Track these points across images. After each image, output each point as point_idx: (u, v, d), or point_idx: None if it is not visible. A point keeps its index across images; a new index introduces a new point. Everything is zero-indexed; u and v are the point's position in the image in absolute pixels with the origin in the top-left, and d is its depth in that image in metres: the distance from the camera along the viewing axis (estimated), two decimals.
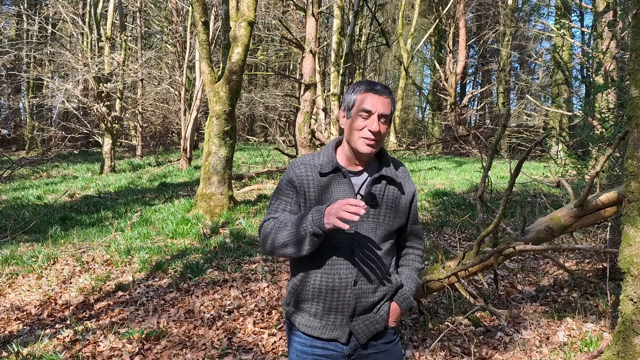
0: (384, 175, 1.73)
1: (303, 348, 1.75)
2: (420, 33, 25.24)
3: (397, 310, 1.79)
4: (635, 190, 2.35)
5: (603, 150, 5.75)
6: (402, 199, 1.78)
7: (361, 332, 1.72)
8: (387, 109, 1.68)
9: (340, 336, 1.71)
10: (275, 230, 1.69)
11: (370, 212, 1.70)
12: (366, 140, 1.66)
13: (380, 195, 1.72)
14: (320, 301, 1.71)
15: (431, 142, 22.83)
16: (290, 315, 1.80)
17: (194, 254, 5.65)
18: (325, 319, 1.72)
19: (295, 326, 1.78)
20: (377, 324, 1.75)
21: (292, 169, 1.76)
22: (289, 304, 1.80)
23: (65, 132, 18.70)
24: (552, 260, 4.01)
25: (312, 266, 1.72)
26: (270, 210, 1.79)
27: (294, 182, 1.74)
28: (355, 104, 1.70)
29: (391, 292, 1.79)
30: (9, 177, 12.14)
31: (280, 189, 1.79)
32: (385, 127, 1.69)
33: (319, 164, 1.74)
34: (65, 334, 3.72)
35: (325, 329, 1.72)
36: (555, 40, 14.43)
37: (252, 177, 11.57)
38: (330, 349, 1.73)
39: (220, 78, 7.69)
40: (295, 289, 1.76)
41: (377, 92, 1.67)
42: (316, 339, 1.74)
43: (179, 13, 18.15)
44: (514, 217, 6.81)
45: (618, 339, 2.42)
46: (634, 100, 2.39)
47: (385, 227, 1.73)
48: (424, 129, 29.95)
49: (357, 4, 13.12)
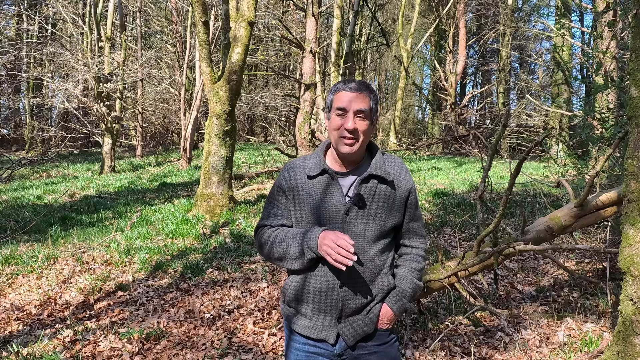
0: (374, 174, 1.70)
1: (297, 345, 1.79)
2: (420, 33, 25.23)
3: (389, 313, 1.75)
4: (635, 190, 2.35)
5: (603, 150, 5.75)
6: (396, 197, 1.73)
7: (348, 334, 1.71)
8: (363, 104, 1.64)
9: (328, 337, 1.72)
10: (271, 244, 1.76)
11: (358, 214, 1.68)
12: (344, 140, 1.64)
13: (370, 195, 1.69)
14: (309, 302, 1.73)
15: (431, 142, 22.84)
16: (285, 313, 1.84)
17: (194, 254, 5.65)
18: (315, 319, 1.74)
19: (289, 324, 1.83)
20: (366, 326, 1.73)
21: (282, 174, 1.80)
22: (284, 302, 1.85)
23: (65, 132, 18.71)
24: (552, 260, 4.01)
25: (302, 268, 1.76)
26: (263, 216, 1.85)
27: (283, 187, 1.78)
28: (332, 104, 1.69)
29: (382, 294, 1.75)
30: (9, 177, 12.15)
31: (272, 195, 1.83)
32: (364, 123, 1.65)
33: (308, 166, 1.75)
34: (65, 334, 3.72)
35: (314, 329, 1.74)
36: (555, 40, 14.44)
37: (252, 177, 11.57)
38: (321, 348, 1.76)
39: (220, 78, 7.69)
40: (288, 289, 1.79)
41: (351, 89, 1.65)
42: (307, 338, 1.77)
43: (179, 13, 18.16)
44: (514, 217, 6.81)
45: (618, 339, 2.42)
46: (634, 100, 2.39)
47: (375, 227, 1.70)
48: (424, 129, 29.96)
49: (357, 4, 13.12)
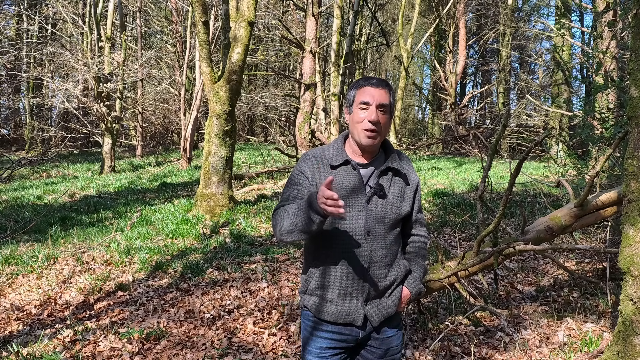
0: (391, 167, 1.83)
1: (320, 332, 1.83)
2: (420, 33, 25.23)
3: (408, 295, 1.89)
4: (635, 190, 2.35)
5: (603, 150, 5.75)
6: (408, 189, 1.88)
7: (374, 316, 1.81)
8: (384, 99, 1.76)
9: (355, 319, 1.79)
10: (281, 219, 1.76)
11: (379, 202, 1.79)
12: (367, 132, 1.75)
13: (387, 185, 1.82)
14: (336, 287, 1.79)
15: (431, 142, 22.84)
16: (306, 302, 1.86)
17: (194, 254, 5.65)
18: (341, 304, 1.79)
19: (311, 313, 1.85)
20: (389, 308, 1.84)
21: (304, 161, 1.85)
22: (304, 292, 1.87)
23: (65, 132, 18.71)
24: (552, 260, 4.01)
25: (326, 254, 1.80)
26: (282, 199, 1.86)
27: (306, 173, 1.83)
28: (355, 99, 1.80)
29: (401, 277, 1.88)
30: (9, 177, 12.14)
31: (293, 179, 1.86)
32: (385, 117, 1.78)
33: (329, 157, 1.83)
34: (65, 334, 3.72)
35: (341, 314, 1.79)
36: (555, 40, 14.44)
37: (252, 177, 11.56)
38: (345, 333, 1.81)
39: (220, 78, 7.69)
40: (312, 277, 1.82)
41: (374, 84, 1.77)
42: (332, 324, 1.81)
43: (179, 13, 18.15)
44: (514, 217, 6.81)
45: (618, 339, 2.42)
46: (634, 100, 2.39)
47: (392, 215, 1.81)
48: (424, 129, 29.95)
49: (357, 4, 13.11)
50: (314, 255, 1.84)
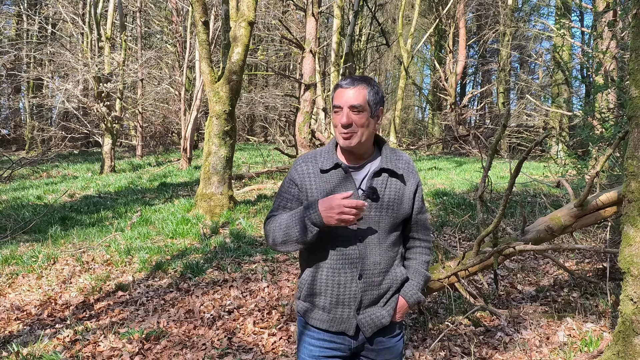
0: (385, 168, 1.76)
1: (311, 340, 1.80)
2: (420, 33, 25.22)
3: (404, 305, 1.81)
4: (635, 190, 2.35)
5: (603, 150, 5.75)
6: (406, 190, 1.80)
7: (367, 326, 1.75)
8: (356, 99, 1.69)
9: (347, 329, 1.74)
10: (274, 230, 1.75)
11: (372, 206, 1.73)
12: (342, 135, 1.71)
13: (382, 188, 1.75)
14: (328, 295, 1.74)
15: (431, 142, 22.84)
16: (300, 308, 1.84)
17: (194, 254, 5.65)
18: (334, 312, 1.75)
19: (304, 319, 1.82)
20: (383, 318, 1.77)
21: (295, 167, 1.83)
22: (299, 297, 1.84)
23: (65, 132, 18.72)
24: (552, 260, 4.02)
25: (318, 260, 1.76)
26: (272, 208, 1.87)
27: (295, 180, 1.80)
28: (332, 102, 1.76)
29: (397, 285, 1.80)
30: (9, 177, 12.14)
31: (283, 188, 1.85)
32: (359, 116, 1.69)
33: (320, 160, 1.79)
34: (65, 334, 3.72)
35: (333, 322, 1.75)
36: (555, 40, 14.45)
37: (252, 177, 11.56)
38: (338, 342, 1.77)
39: (220, 78, 7.69)
40: (305, 283, 1.80)
41: (346, 84, 1.72)
42: (325, 332, 1.77)
43: (179, 13, 18.15)
44: (514, 217, 6.81)
45: (618, 339, 2.42)
46: (634, 100, 2.39)
47: (388, 219, 1.75)
48: (424, 129, 29.96)
49: (357, 4, 13.11)
50: (307, 261, 1.81)
